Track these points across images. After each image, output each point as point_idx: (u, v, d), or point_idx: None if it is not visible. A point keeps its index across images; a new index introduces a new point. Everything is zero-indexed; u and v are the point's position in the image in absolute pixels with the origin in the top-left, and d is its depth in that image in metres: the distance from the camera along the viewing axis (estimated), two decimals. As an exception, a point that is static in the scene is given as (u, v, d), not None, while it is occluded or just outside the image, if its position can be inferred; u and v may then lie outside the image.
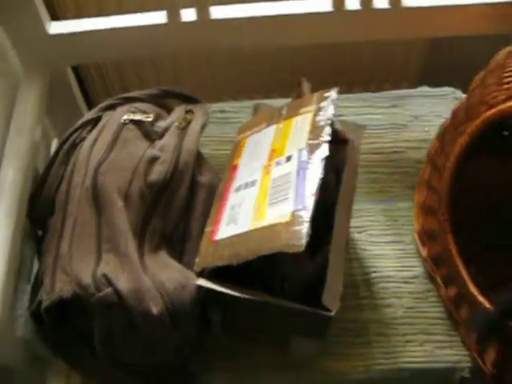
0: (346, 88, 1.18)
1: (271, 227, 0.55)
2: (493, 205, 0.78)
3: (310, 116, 0.64)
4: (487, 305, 0.64)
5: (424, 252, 0.77)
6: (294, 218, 0.54)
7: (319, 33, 0.84)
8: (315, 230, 0.53)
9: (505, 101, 0.60)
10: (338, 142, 0.64)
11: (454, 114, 0.73)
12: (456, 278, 0.69)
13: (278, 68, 1.14)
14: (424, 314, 0.74)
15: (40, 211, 0.71)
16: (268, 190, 0.59)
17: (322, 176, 0.56)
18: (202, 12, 0.80)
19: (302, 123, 0.64)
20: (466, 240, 0.70)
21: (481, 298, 0.65)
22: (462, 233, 0.70)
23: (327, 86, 1.19)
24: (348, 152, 0.64)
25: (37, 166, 0.77)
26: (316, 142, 0.59)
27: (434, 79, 1.01)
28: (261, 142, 0.67)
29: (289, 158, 0.61)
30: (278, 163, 0.62)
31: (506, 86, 0.61)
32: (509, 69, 0.63)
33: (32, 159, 0.74)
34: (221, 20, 0.81)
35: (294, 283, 0.58)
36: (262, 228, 0.56)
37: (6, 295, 0.62)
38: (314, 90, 1.20)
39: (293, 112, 0.67)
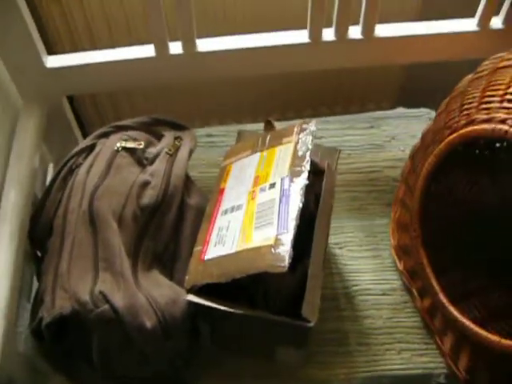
0: (328, 108, 1.24)
1: (257, 249, 0.59)
2: (464, 219, 0.82)
3: (291, 146, 0.68)
4: (457, 314, 0.68)
5: (400, 266, 0.80)
6: (278, 241, 0.58)
7: (297, 62, 0.89)
8: (296, 246, 0.58)
9: (465, 126, 0.64)
10: (316, 172, 0.69)
11: (423, 136, 0.77)
12: (429, 289, 0.73)
13: (262, 93, 1.18)
14: (401, 324, 0.77)
15: (39, 233, 0.74)
16: (254, 214, 0.63)
17: (301, 203, 0.61)
18: (189, 45, 0.84)
19: (284, 153, 0.68)
20: (439, 253, 0.73)
21: (451, 308, 0.69)
22: (435, 246, 0.74)
23: (310, 107, 1.25)
24: (325, 174, 0.69)
25: (35, 190, 0.81)
26: (297, 170, 0.64)
27: (411, 100, 1.05)
28: (246, 168, 0.71)
29: (272, 185, 0.65)
30: (262, 189, 0.66)
31: (466, 112, 0.65)
32: (469, 95, 0.67)
33: (32, 184, 0.78)
34: (206, 52, 0.86)
35: (276, 296, 0.62)
36: (249, 250, 0.60)
37: (9, 312, 0.65)
38: (296, 111, 1.26)
39: (276, 142, 0.71)
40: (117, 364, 0.66)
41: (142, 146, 0.77)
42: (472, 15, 0.90)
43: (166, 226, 0.71)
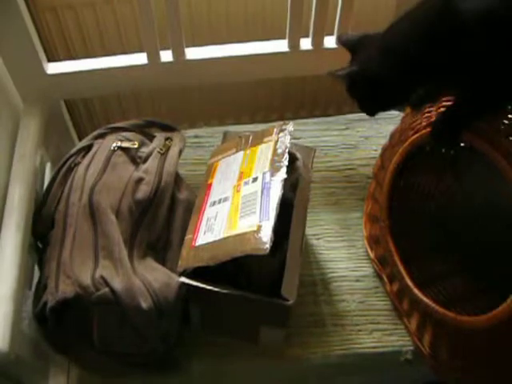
0: (307, 111, 1.28)
1: (242, 235, 0.66)
2: (431, 213, 0.88)
3: (271, 145, 0.75)
4: (422, 296, 0.75)
5: (372, 254, 0.87)
6: (260, 228, 0.65)
7: (278, 69, 0.95)
8: (276, 233, 0.64)
9: (425, 127, 0.72)
10: (292, 159, 0.76)
11: (391, 136, 0.84)
12: (397, 275, 0.79)
13: (245, 98, 1.22)
14: (373, 307, 0.84)
15: (41, 226, 0.79)
16: (239, 205, 0.70)
17: (281, 194, 0.68)
18: (179, 53, 0.90)
19: (265, 150, 0.75)
20: (406, 242, 0.80)
21: (416, 291, 0.75)
22: (403, 236, 0.80)
23: (290, 110, 1.28)
24: (301, 170, 0.76)
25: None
26: (276, 166, 0.71)
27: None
28: (231, 165, 0.78)
29: (255, 179, 0.72)
30: (246, 183, 0.73)
31: (427, 115, 0.72)
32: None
33: (34, 181, 0.83)
34: (195, 60, 0.91)
35: (259, 278, 0.69)
36: (235, 236, 0.67)
37: (16, 297, 0.69)
38: (278, 113, 1.29)
39: (258, 141, 0.78)
40: (115, 342, 0.71)
41: (136, 146, 0.82)
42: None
43: (159, 218, 0.76)
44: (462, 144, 0.85)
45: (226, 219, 0.69)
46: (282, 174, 0.70)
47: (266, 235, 0.64)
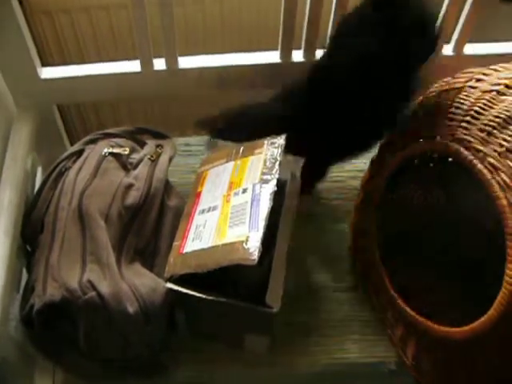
0: None
1: (231, 244, 0.67)
2: (418, 226, 0.88)
3: (262, 157, 0.76)
4: (406, 307, 0.75)
5: (358, 266, 0.88)
6: (248, 238, 0.66)
7: (269, 80, 0.96)
8: (263, 242, 0.65)
9: (414, 140, 0.73)
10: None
11: (380, 149, 0.85)
12: (382, 287, 0.80)
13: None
14: (358, 318, 0.84)
15: (31, 229, 0.79)
16: (228, 214, 0.71)
17: (270, 206, 0.68)
18: (172, 62, 0.91)
19: (256, 162, 0.76)
20: (392, 255, 0.81)
21: (401, 303, 0.76)
22: (389, 249, 0.81)
23: None
24: (289, 180, 0.77)
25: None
26: (266, 178, 0.72)
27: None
28: (221, 174, 0.79)
29: (245, 190, 0.73)
30: (236, 194, 0.73)
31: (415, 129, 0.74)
32: (418, 114, 0.76)
33: (25, 185, 0.83)
34: (187, 69, 0.92)
35: (245, 286, 0.70)
36: (223, 244, 0.67)
37: (4, 301, 0.70)
38: None
39: (248, 152, 0.79)
40: (101, 347, 0.72)
41: (126, 152, 0.83)
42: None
43: (148, 224, 0.77)
44: (450, 159, 0.88)
45: (214, 228, 0.70)
46: (272, 186, 0.71)
47: (255, 246, 0.64)
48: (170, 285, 0.68)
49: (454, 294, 0.83)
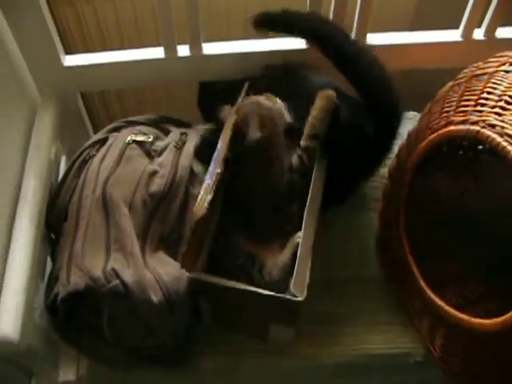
0: None
1: None
2: (446, 214, 0.87)
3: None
4: (435, 298, 0.74)
5: (385, 255, 0.86)
6: None
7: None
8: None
9: (443, 126, 0.71)
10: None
11: (408, 136, 0.83)
12: (410, 276, 0.78)
13: None
14: (385, 307, 0.83)
15: (55, 217, 0.79)
16: None
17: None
18: (196, 48, 0.90)
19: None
20: (420, 244, 0.79)
21: (429, 293, 0.74)
22: (417, 238, 0.79)
23: None
24: (315, 169, 0.76)
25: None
26: None
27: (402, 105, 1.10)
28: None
29: None
30: None
31: (445, 115, 0.72)
32: (449, 99, 0.73)
33: (49, 173, 0.83)
34: (211, 55, 0.91)
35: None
36: None
37: (29, 288, 0.70)
38: None
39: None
40: (124, 335, 0.72)
41: (150, 140, 0.82)
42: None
43: (172, 211, 0.76)
44: (479, 147, 0.86)
45: None
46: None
47: None
48: (194, 274, 0.67)
49: (483, 283, 0.82)
